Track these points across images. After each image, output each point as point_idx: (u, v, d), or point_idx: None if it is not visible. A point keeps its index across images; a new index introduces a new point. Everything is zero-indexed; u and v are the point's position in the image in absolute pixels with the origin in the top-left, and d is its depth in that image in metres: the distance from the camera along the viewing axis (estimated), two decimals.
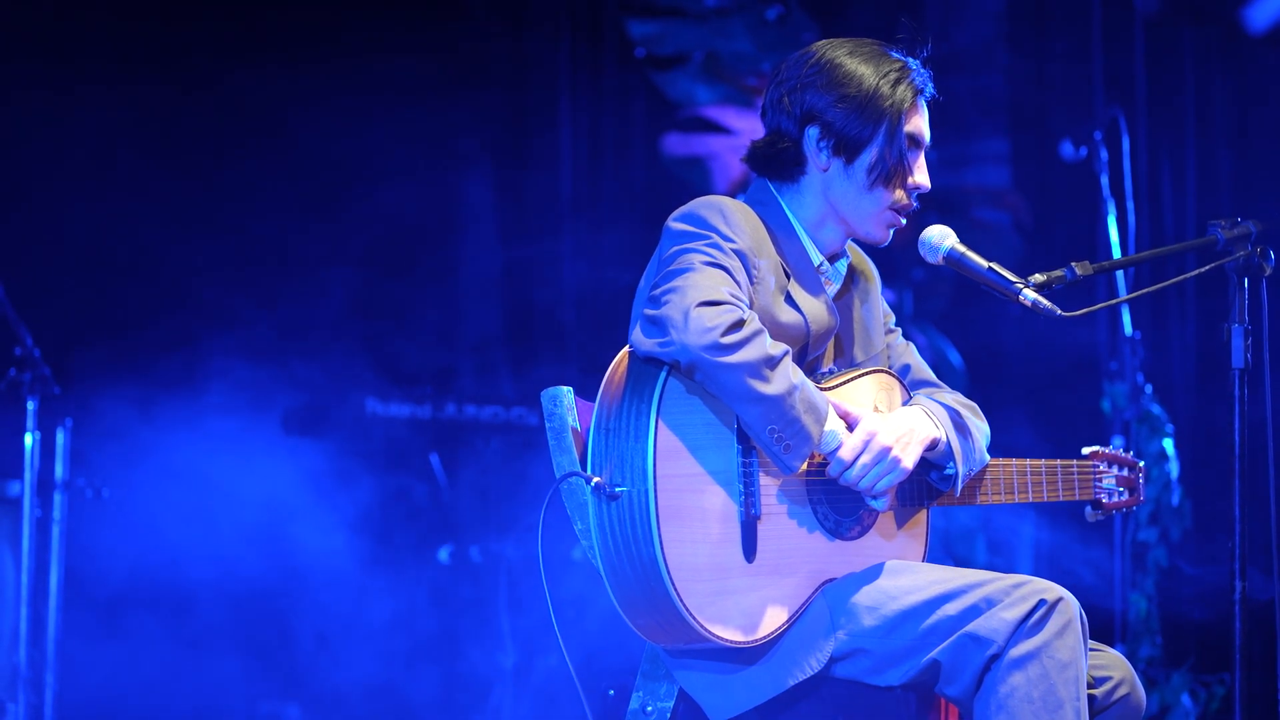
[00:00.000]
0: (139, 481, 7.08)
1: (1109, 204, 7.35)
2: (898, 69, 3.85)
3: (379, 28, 8.26)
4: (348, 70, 7.96)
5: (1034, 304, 3.72)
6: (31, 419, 6.34)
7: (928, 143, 3.92)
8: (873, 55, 3.86)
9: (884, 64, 3.85)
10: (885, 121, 3.82)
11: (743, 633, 3.53)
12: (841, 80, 3.82)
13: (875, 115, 3.82)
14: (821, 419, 3.57)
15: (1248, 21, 7.77)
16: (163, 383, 7.22)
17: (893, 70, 3.84)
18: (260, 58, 7.81)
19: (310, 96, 7.77)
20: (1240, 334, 3.81)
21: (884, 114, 3.82)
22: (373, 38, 8.22)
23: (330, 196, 7.98)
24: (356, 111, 8.04)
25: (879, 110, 3.82)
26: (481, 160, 8.72)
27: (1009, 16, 8.60)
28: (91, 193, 7.49)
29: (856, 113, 3.81)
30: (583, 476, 3.55)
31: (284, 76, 7.73)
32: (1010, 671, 3.52)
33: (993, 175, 8.74)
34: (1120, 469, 4.31)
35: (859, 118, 3.82)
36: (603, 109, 8.84)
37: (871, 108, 3.81)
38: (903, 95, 3.84)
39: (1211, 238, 3.85)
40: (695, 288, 3.51)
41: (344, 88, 7.92)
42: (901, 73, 3.85)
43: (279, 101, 7.74)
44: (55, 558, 6.54)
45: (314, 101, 7.80)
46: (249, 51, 7.86)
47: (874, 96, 3.81)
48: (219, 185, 7.79)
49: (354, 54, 8.08)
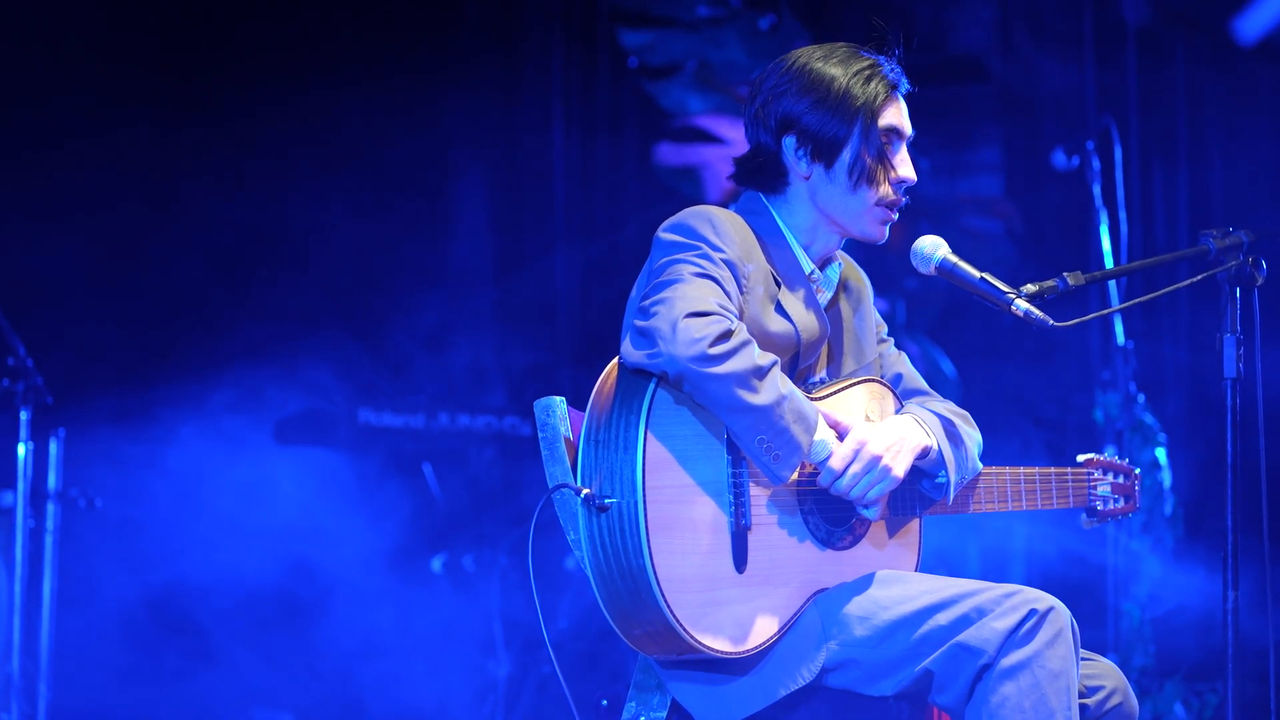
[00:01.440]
0: (132, 492, 7.08)
1: (1101, 213, 7.35)
2: (868, 66, 3.85)
3: (371, 37, 8.26)
4: (339, 81, 7.96)
5: (1026, 314, 3.72)
6: (25, 429, 6.34)
7: (910, 135, 3.91)
8: (844, 57, 3.86)
9: (854, 63, 3.85)
10: (859, 119, 3.81)
11: (734, 643, 3.53)
12: (812, 84, 3.82)
13: (848, 114, 3.81)
14: (811, 428, 3.57)
15: (1239, 32, 7.78)
16: (156, 393, 7.22)
17: (863, 68, 3.84)
18: (251, 69, 7.82)
19: (302, 107, 7.77)
20: (1232, 343, 3.81)
21: (857, 112, 3.81)
22: (364, 48, 8.22)
23: (323, 206, 7.98)
24: (348, 121, 8.04)
25: (851, 109, 3.81)
26: (474, 170, 8.72)
27: (1001, 25, 8.61)
28: (84, 203, 7.49)
29: (829, 114, 3.81)
30: (572, 488, 3.56)
31: (275, 87, 7.74)
32: (1002, 681, 3.52)
33: (985, 184, 8.75)
34: (1116, 476, 4.30)
35: (832, 119, 3.81)
36: (596, 118, 8.85)
37: (843, 107, 3.81)
38: (874, 91, 3.83)
39: (1203, 247, 3.85)
40: (683, 299, 3.52)
41: (336, 98, 7.92)
42: (873, 69, 3.85)
43: (270, 110, 7.74)
44: (48, 568, 6.54)
45: (306, 111, 7.80)
46: (239, 64, 7.86)
47: (845, 96, 3.81)
48: (211, 195, 7.78)
49: (346, 64, 8.09)
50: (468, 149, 8.68)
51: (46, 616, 6.49)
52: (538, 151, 8.79)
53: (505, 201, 8.76)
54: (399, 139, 8.20)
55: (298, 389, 7.56)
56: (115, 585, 7.13)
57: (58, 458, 6.56)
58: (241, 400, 7.39)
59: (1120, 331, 7.31)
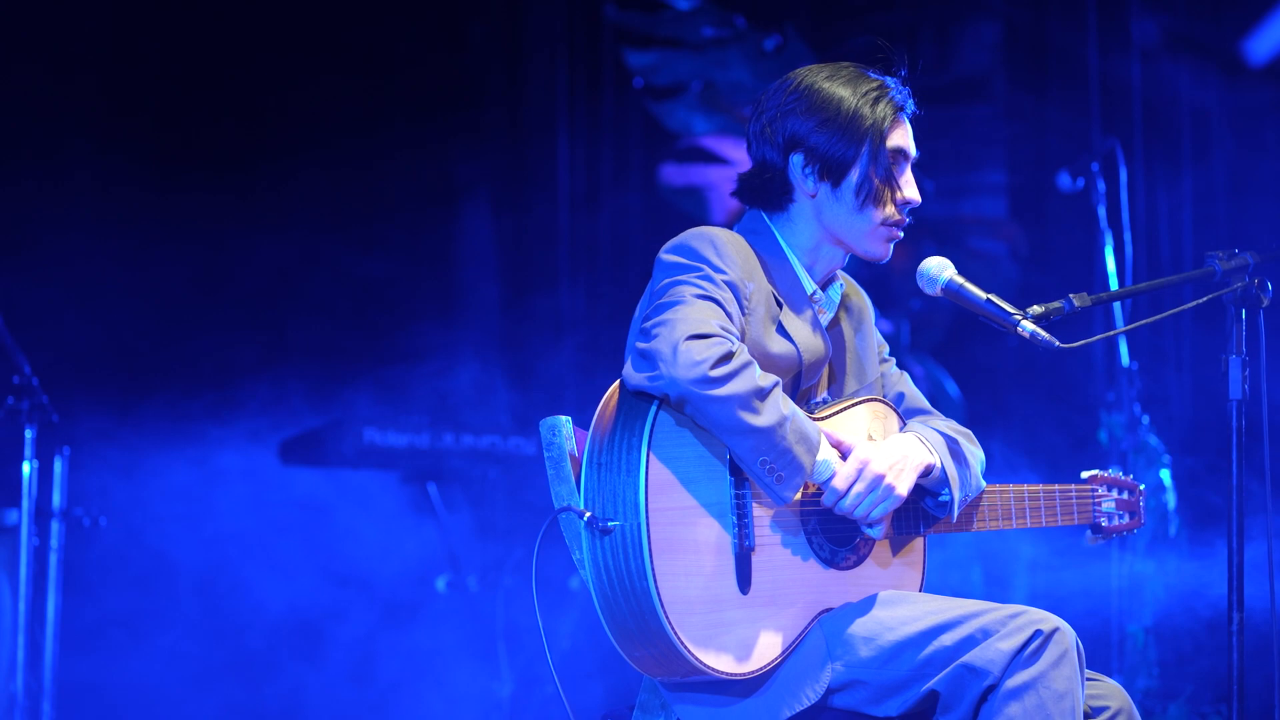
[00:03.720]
0: (136, 510, 7.09)
1: (1106, 235, 7.35)
2: (876, 88, 3.87)
3: (376, 56, 8.28)
4: (345, 100, 7.98)
5: (1032, 335, 3.72)
6: (29, 447, 6.33)
7: (914, 156, 3.93)
8: (850, 77, 3.88)
9: (862, 84, 3.86)
10: (868, 140, 3.83)
11: (738, 665, 3.53)
12: (821, 104, 3.84)
13: (857, 135, 3.83)
14: (814, 449, 3.57)
15: (1249, 53, 7.78)
16: (160, 412, 7.22)
17: (871, 90, 3.86)
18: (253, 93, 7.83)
19: (305, 129, 7.79)
20: (1238, 365, 3.81)
21: (865, 133, 3.83)
22: (370, 67, 8.23)
23: (329, 225, 7.99)
24: (350, 144, 8.04)
25: (860, 130, 3.83)
26: (479, 190, 8.74)
27: (1006, 47, 8.62)
28: (89, 223, 7.50)
29: (838, 135, 3.83)
30: (575, 511, 3.55)
31: (279, 109, 7.75)
32: (1007, 702, 3.52)
33: (990, 206, 8.75)
34: (1120, 492, 4.29)
35: (841, 140, 3.83)
36: (600, 139, 8.86)
37: (853, 128, 3.83)
38: (883, 113, 3.85)
39: (1209, 269, 3.86)
40: (684, 321, 3.52)
41: (339, 120, 7.94)
42: (880, 91, 3.87)
43: (275, 132, 7.76)
44: (52, 586, 6.53)
45: (308, 134, 7.82)
46: (241, 90, 7.88)
47: (854, 117, 3.83)
48: (214, 215, 7.78)
49: (349, 87, 8.10)
50: (473, 170, 8.69)
51: (50, 635, 6.48)
52: (543, 172, 8.80)
53: (511, 221, 8.77)
54: (403, 161, 8.21)
55: (303, 409, 7.56)
56: (119, 604, 7.13)
57: (62, 476, 6.56)
58: (247, 420, 7.40)
59: (1125, 353, 7.31)
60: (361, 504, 7.64)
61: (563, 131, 8.82)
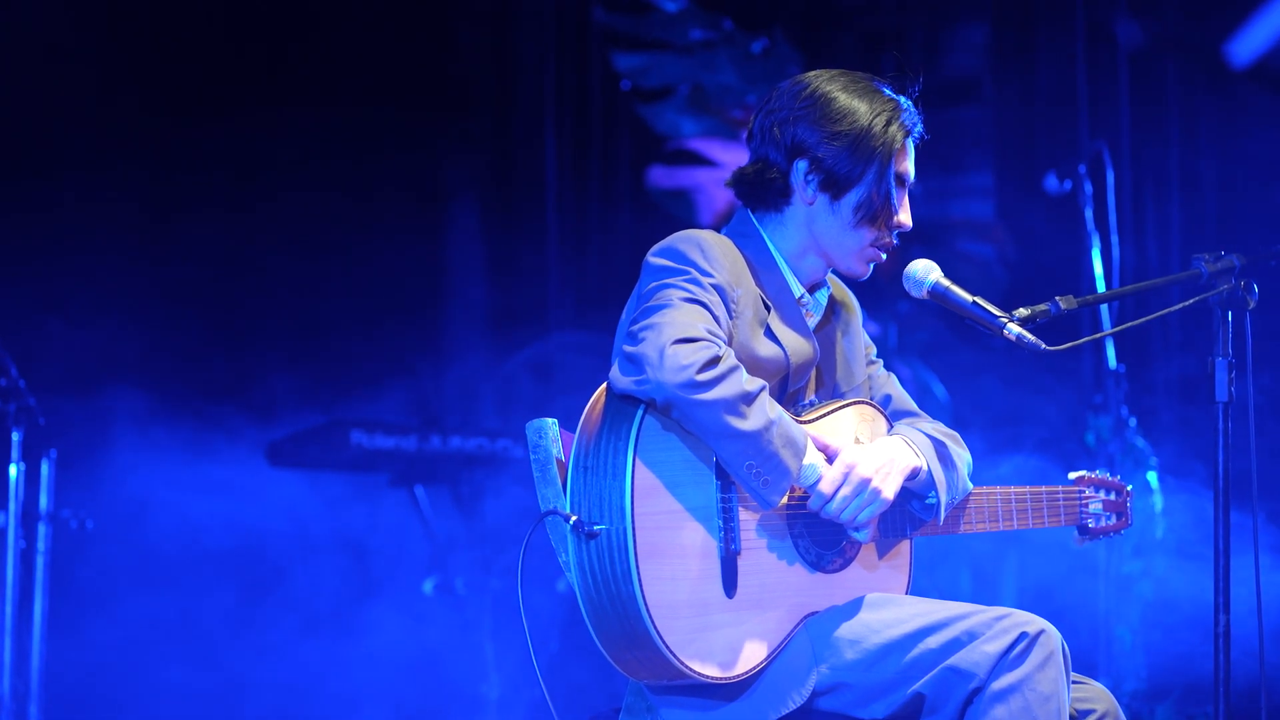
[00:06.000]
0: (123, 513, 7.07)
1: (1093, 237, 7.36)
2: (890, 109, 3.84)
3: (363, 62, 8.27)
4: (331, 105, 7.97)
5: (1018, 338, 3.72)
6: (16, 450, 6.33)
7: (912, 181, 3.92)
8: (865, 92, 3.86)
9: (876, 102, 3.84)
10: (876, 162, 3.82)
11: (724, 669, 3.53)
12: (834, 116, 3.82)
13: (866, 155, 3.81)
14: (800, 453, 3.57)
15: (1232, 55, 7.79)
16: (148, 415, 7.21)
17: (885, 110, 3.84)
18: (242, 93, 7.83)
19: (293, 131, 7.78)
20: (1224, 367, 3.82)
21: (875, 154, 3.82)
22: (356, 72, 8.23)
23: (316, 229, 7.98)
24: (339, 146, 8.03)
25: (870, 150, 3.81)
26: (467, 192, 8.73)
27: (993, 50, 8.63)
28: (75, 225, 7.48)
29: (848, 151, 3.81)
30: (561, 515, 3.55)
31: (266, 112, 7.74)
32: (992, 704, 3.52)
33: (977, 208, 8.75)
34: (1107, 493, 4.29)
35: (850, 156, 3.81)
36: (588, 141, 8.86)
37: (863, 147, 3.81)
38: (894, 135, 3.83)
39: (1195, 271, 3.86)
40: (671, 324, 3.51)
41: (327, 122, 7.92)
42: (894, 112, 3.85)
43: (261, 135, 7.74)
44: (39, 589, 6.52)
45: (297, 136, 7.81)
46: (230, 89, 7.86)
47: (866, 136, 3.81)
48: (199, 218, 7.77)
49: (337, 88, 8.10)
50: (461, 172, 8.69)
51: (37, 638, 6.48)
52: (530, 174, 8.80)
53: (498, 224, 8.76)
54: (391, 162, 8.20)
55: (291, 412, 7.55)
56: (106, 607, 7.12)
57: (49, 479, 6.55)
58: (234, 422, 7.39)
59: (1112, 355, 7.32)
60: (348, 506, 7.63)
61: (551, 133, 8.81)
